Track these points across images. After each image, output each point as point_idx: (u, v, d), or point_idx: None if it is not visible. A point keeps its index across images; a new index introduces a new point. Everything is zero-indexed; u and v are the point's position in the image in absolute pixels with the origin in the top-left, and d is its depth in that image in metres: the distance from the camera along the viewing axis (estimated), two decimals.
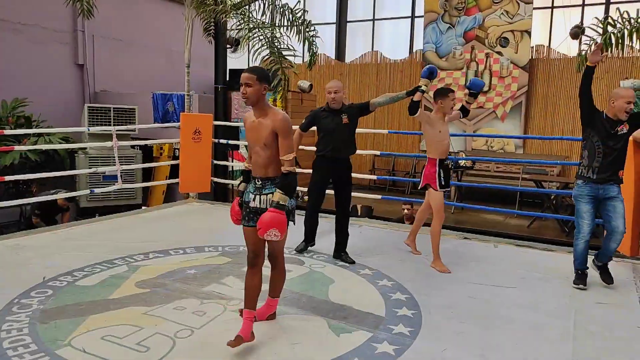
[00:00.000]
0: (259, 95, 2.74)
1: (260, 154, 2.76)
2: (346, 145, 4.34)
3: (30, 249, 4.45)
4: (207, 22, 8.24)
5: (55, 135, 8.38)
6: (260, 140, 2.74)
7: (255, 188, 2.83)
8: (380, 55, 11.68)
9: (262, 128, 2.74)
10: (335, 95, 4.24)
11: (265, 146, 2.73)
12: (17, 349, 2.64)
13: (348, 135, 4.34)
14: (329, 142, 4.31)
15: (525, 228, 7.67)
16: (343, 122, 4.27)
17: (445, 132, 4.18)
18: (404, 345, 2.80)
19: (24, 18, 9.58)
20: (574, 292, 3.74)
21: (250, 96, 2.73)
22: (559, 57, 9.86)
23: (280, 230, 2.63)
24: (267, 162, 2.77)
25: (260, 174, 2.80)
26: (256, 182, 2.83)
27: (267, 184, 2.78)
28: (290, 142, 2.72)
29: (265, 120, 2.73)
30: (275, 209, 2.64)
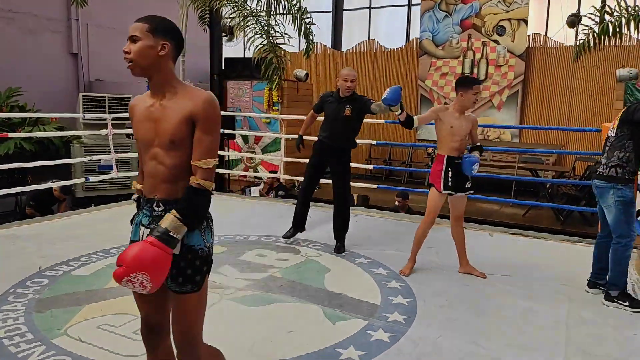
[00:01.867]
0: (154, 58, 1.70)
1: (164, 159, 1.72)
2: (344, 135, 4.24)
3: (26, 239, 4.44)
4: (201, 10, 8.18)
5: (50, 124, 8.33)
6: (164, 136, 1.70)
7: (152, 218, 1.77)
8: (377, 44, 11.63)
9: (168, 115, 1.70)
10: (351, 85, 4.10)
11: (172, 145, 1.69)
12: (13, 337, 2.65)
13: (349, 127, 4.23)
14: (328, 129, 4.27)
15: (521, 217, 7.70)
16: (345, 113, 4.15)
17: (458, 127, 3.66)
18: (398, 333, 2.82)
19: (16, 6, 9.49)
20: (567, 280, 3.77)
21: (136, 58, 1.69)
22: (556, 45, 9.84)
23: (154, 278, 1.59)
24: (175, 174, 1.72)
25: (161, 194, 1.74)
26: (154, 208, 1.76)
27: None
28: (213, 141, 1.70)
29: (173, 104, 1.70)
30: (156, 240, 1.60)
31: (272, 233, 4.73)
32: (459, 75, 10.51)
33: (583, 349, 2.73)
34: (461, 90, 3.63)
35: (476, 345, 2.73)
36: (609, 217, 3.32)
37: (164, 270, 1.63)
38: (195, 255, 1.73)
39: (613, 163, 3.25)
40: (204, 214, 1.74)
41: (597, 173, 3.36)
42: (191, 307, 1.78)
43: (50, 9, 10.10)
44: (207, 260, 1.77)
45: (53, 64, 10.29)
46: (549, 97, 9.93)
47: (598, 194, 3.37)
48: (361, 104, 4.16)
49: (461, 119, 3.67)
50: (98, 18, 10.73)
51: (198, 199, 1.68)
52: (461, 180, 3.70)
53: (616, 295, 3.27)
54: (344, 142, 4.27)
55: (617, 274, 3.28)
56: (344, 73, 4.16)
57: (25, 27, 9.68)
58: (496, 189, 8.24)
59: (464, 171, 3.64)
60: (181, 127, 1.68)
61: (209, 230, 1.78)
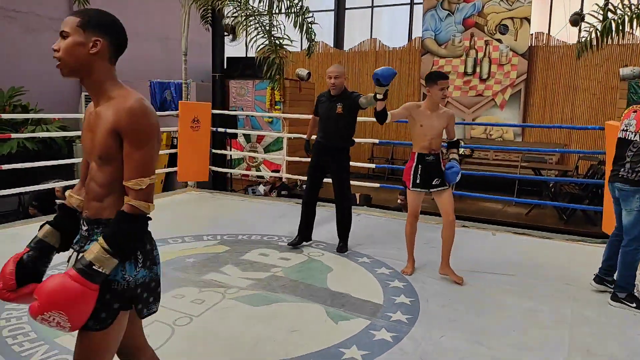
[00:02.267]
0: (84, 57, 1.47)
1: (96, 175, 1.53)
2: (337, 134, 4.18)
3: (29, 238, 4.42)
4: (203, 9, 8.17)
5: (52, 124, 8.35)
6: (95, 150, 1.50)
7: (80, 237, 1.60)
8: (379, 43, 11.61)
9: (98, 126, 1.48)
10: (335, 81, 4.09)
11: (101, 160, 1.49)
12: (17, 337, 2.65)
13: (342, 125, 4.16)
14: (322, 128, 4.24)
15: (524, 216, 7.69)
16: (337, 111, 4.11)
17: (429, 126, 3.58)
18: (401, 332, 2.82)
19: (18, 5, 9.50)
20: (570, 279, 3.76)
21: (64, 56, 1.48)
22: (559, 44, 9.81)
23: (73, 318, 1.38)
24: (103, 192, 1.52)
25: (89, 212, 1.55)
26: (82, 226, 1.58)
27: (98, 232, 1.52)
28: (145, 156, 1.46)
29: (104, 112, 1.48)
30: (77, 274, 1.40)
31: (275, 232, 4.73)
32: (461, 74, 10.49)
33: (586, 349, 2.72)
34: (428, 86, 3.57)
35: (479, 344, 2.73)
36: (626, 220, 3.29)
37: (85, 309, 1.39)
38: (106, 287, 1.45)
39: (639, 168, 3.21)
40: (134, 246, 1.48)
41: (620, 176, 3.29)
42: (92, 346, 1.50)
43: (53, 8, 10.10)
44: (122, 296, 1.48)
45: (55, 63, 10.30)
46: (552, 96, 9.90)
47: (621, 197, 3.33)
48: (352, 100, 4.11)
49: (432, 117, 3.58)
50: None
51: (128, 226, 1.44)
52: (429, 178, 3.65)
53: (623, 297, 3.28)
54: (339, 140, 4.21)
55: (626, 276, 3.28)
56: (328, 70, 4.15)
57: (27, 26, 9.69)
58: (499, 188, 8.22)
59: (448, 181, 3.66)
60: (107, 141, 1.45)
61: (135, 262, 1.50)
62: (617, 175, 3.33)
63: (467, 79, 10.47)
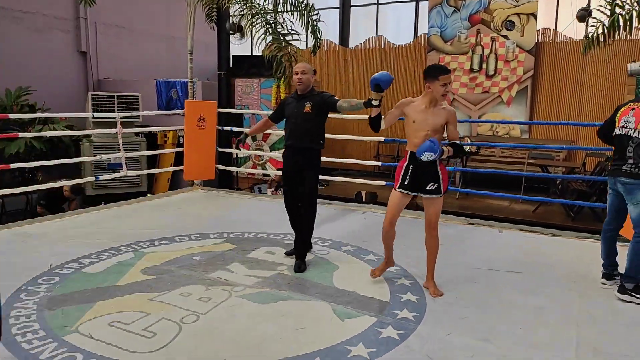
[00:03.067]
0: None
1: None
2: (307, 133, 3.88)
3: (37, 237, 4.48)
4: (209, 8, 8.18)
5: (59, 123, 8.40)
6: None
7: None
8: (385, 40, 11.57)
9: None
10: (302, 77, 3.85)
11: None
12: (26, 335, 2.67)
13: (311, 125, 3.88)
14: (290, 130, 3.94)
15: (531, 213, 7.65)
16: (305, 110, 3.85)
17: (422, 123, 3.27)
18: (408, 330, 2.81)
19: (25, 6, 9.56)
20: (578, 277, 3.74)
21: None
22: (566, 40, 9.74)
23: None
24: None
25: None
26: None
27: None
28: None
29: None
30: None
31: (281, 230, 4.73)
32: (467, 71, 10.44)
33: (594, 347, 2.71)
34: (428, 81, 3.26)
35: (486, 342, 2.72)
36: (633, 213, 3.32)
37: None
38: None
39: None
40: None
41: (624, 171, 3.34)
42: None
43: (59, 8, 10.16)
44: None
45: (62, 62, 10.36)
46: (559, 92, 9.84)
47: (625, 190, 3.36)
48: (321, 99, 3.89)
49: (427, 112, 3.28)
50: (106, 17, 10.78)
51: None
52: (422, 181, 3.33)
53: (631, 288, 3.29)
54: (309, 141, 3.89)
55: (635, 267, 3.30)
56: (296, 66, 3.94)
57: (34, 26, 9.75)
58: (506, 186, 8.19)
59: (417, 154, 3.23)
60: None
61: None
62: (619, 169, 3.38)
63: (473, 75, 10.43)
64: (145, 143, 9.43)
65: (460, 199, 8.63)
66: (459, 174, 8.97)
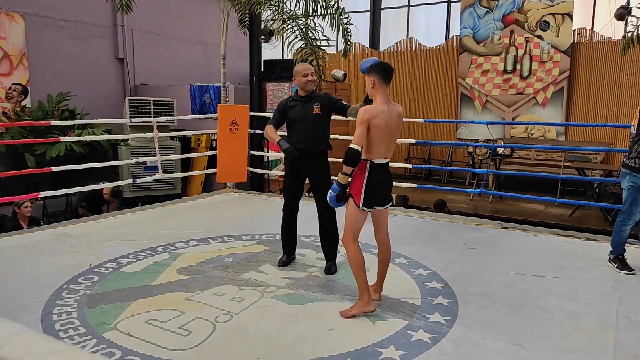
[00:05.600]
0: None
1: None
2: (319, 137, 3.74)
3: (77, 237, 4.64)
4: (241, 13, 8.31)
5: (98, 128, 8.66)
6: None
7: None
8: (416, 42, 11.51)
9: None
10: (311, 78, 3.74)
11: None
12: (68, 331, 2.78)
13: (322, 127, 3.76)
14: (298, 133, 3.74)
15: (567, 217, 7.47)
16: (314, 112, 3.71)
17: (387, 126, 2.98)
18: (439, 334, 2.80)
19: (67, 14, 9.91)
20: (616, 282, 3.64)
21: None
22: (603, 40, 9.48)
23: None
24: None
25: None
26: None
27: None
28: None
29: None
30: None
31: (311, 232, 4.75)
32: (501, 72, 10.27)
33: (633, 354, 2.63)
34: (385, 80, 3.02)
35: (520, 347, 2.68)
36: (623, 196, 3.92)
37: None
38: None
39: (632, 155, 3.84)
40: None
41: (623, 163, 3.94)
42: None
43: (98, 16, 10.49)
44: None
45: (101, 68, 10.69)
46: (596, 93, 9.58)
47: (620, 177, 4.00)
48: (328, 101, 3.76)
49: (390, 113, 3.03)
50: (142, 24, 11.08)
51: None
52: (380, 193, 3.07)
53: (612, 258, 3.93)
54: (321, 143, 3.77)
55: (614, 241, 3.95)
56: (302, 68, 3.78)
57: (75, 34, 10.10)
58: (541, 189, 8.03)
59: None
60: None
61: None
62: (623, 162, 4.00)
63: (506, 77, 10.26)
64: (179, 147, 9.64)
65: (494, 202, 8.50)
66: (492, 177, 8.83)
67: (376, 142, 2.95)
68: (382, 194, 3.08)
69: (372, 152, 2.97)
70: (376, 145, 2.96)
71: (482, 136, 9.26)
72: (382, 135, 2.95)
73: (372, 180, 2.99)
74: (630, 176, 3.81)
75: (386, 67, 3.03)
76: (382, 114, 2.93)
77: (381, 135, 2.95)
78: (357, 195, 2.99)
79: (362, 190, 2.98)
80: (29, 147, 7.88)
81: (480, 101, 10.50)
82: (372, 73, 3.01)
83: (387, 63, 3.08)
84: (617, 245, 3.92)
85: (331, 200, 3.00)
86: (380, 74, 2.99)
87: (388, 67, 3.04)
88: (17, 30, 9.21)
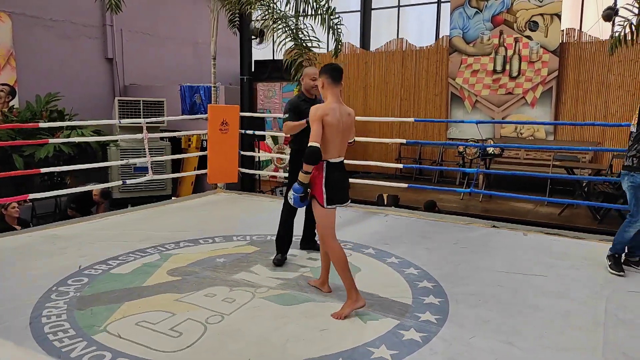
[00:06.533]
0: None
1: None
2: None
3: (66, 239, 4.60)
4: (232, 13, 8.29)
5: (87, 129, 8.59)
6: None
7: None
8: (406, 42, 11.54)
9: None
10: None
11: None
12: (57, 333, 2.76)
13: None
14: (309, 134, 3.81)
15: (556, 216, 7.53)
16: None
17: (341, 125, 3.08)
18: (430, 333, 2.81)
19: (55, 14, 9.83)
20: (605, 280, 3.68)
21: None
22: (591, 40, 9.57)
23: None
24: None
25: None
26: None
27: None
28: None
29: None
30: None
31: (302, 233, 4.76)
32: (490, 72, 10.33)
33: (622, 351, 2.66)
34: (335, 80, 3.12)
35: (511, 345, 2.70)
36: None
37: None
38: None
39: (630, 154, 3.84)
40: None
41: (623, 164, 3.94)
42: None
43: (87, 15, 10.42)
44: None
45: (90, 69, 10.62)
46: (585, 93, 9.66)
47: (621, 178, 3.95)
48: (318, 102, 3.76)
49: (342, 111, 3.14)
50: (132, 24, 11.01)
51: None
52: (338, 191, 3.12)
53: (609, 254, 3.89)
54: None
55: (616, 239, 3.89)
56: (312, 71, 3.89)
57: (63, 34, 10.01)
58: (531, 188, 8.08)
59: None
60: None
61: None
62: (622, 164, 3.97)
63: (496, 77, 10.33)
64: (169, 147, 9.59)
65: (484, 201, 8.54)
66: (482, 177, 8.88)
67: (330, 140, 3.02)
68: (342, 192, 3.15)
69: (327, 151, 3.03)
70: (330, 144, 3.03)
71: (472, 136, 9.30)
72: (335, 133, 3.03)
73: (330, 179, 3.05)
74: (628, 176, 3.79)
75: (335, 67, 3.12)
76: (333, 111, 3.02)
77: (335, 134, 3.03)
78: (319, 195, 3.06)
79: (323, 189, 3.04)
80: (17, 148, 7.80)
81: (470, 101, 10.56)
82: (322, 74, 3.11)
83: (336, 64, 3.18)
84: (618, 244, 3.87)
85: (295, 201, 3.03)
86: (330, 74, 3.08)
87: (337, 67, 3.13)
88: (4, 30, 9.11)
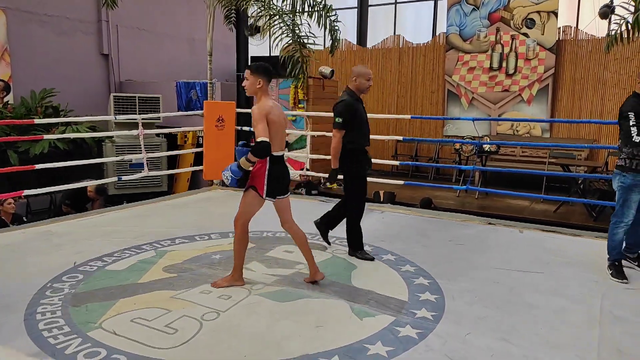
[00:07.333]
0: None
1: None
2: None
3: (61, 235, 4.58)
4: (228, 9, 8.25)
5: (82, 125, 8.55)
6: None
7: None
8: (403, 39, 11.53)
9: None
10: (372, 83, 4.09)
11: None
12: (52, 330, 2.74)
13: None
14: (365, 134, 4.09)
15: (552, 213, 7.54)
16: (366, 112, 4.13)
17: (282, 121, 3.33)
18: (426, 329, 2.81)
19: (50, 9, 9.77)
20: (600, 277, 3.69)
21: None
22: (587, 38, 9.58)
23: None
24: None
25: None
26: None
27: None
28: None
29: None
30: None
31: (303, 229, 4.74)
32: (487, 70, 10.34)
33: (617, 348, 2.67)
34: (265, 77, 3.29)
35: (507, 342, 2.70)
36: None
37: None
38: None
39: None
40: None
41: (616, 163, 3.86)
42: None
43: (82, 11, 10.36)
44: None
45: (85, 65, 10.56)
46: (581, 90, 9.68)
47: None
48: None
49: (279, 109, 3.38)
50: (127, 20, 10.95)
51: None
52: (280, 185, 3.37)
53: (608, 264, 3.75)
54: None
55: (608, 245, 3.79)
56: (368, 72, 4.03)
57: (58, 29, 9.95)
58: (527, 185, 8.08)
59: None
60: None
61: None
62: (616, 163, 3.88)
63: (492, 74, 10.33)
64: (165, 144, 9.56)
65: (480, 198, 8.55)
66: (478, 174, 8.89)
67: (274, 135, 3.19)
68: (283, 184, 3.37)
69: (272, 145, 3.17)
70: (274, 139, 3.19)
71: (468, 133, 9.31)
72: (277, 128, 3.23)
73: (273, 172, 3.26)
74: (619, 176, 3.72)
75: (269, 68, 3.33)
76: (272, 108, 3.23)
77: (278, 129, 3.24)
78: (260, 187, 3.27)
79: (265, 181, 3.26)
80: (11, 144, 7.76)
81: (466, 98, 10.56)
82: (259, 74, 3.25)
83: (267, 64, 3.35)
84: (612, 249, 3.76)
85: (231, 182, 3.19)
86: (267, 74, 3.29)
87: (270, 68, 3.34)
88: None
